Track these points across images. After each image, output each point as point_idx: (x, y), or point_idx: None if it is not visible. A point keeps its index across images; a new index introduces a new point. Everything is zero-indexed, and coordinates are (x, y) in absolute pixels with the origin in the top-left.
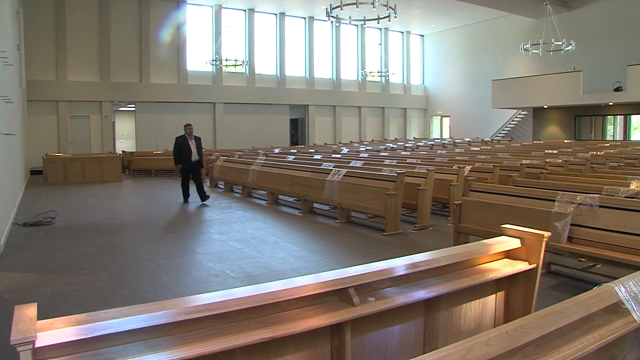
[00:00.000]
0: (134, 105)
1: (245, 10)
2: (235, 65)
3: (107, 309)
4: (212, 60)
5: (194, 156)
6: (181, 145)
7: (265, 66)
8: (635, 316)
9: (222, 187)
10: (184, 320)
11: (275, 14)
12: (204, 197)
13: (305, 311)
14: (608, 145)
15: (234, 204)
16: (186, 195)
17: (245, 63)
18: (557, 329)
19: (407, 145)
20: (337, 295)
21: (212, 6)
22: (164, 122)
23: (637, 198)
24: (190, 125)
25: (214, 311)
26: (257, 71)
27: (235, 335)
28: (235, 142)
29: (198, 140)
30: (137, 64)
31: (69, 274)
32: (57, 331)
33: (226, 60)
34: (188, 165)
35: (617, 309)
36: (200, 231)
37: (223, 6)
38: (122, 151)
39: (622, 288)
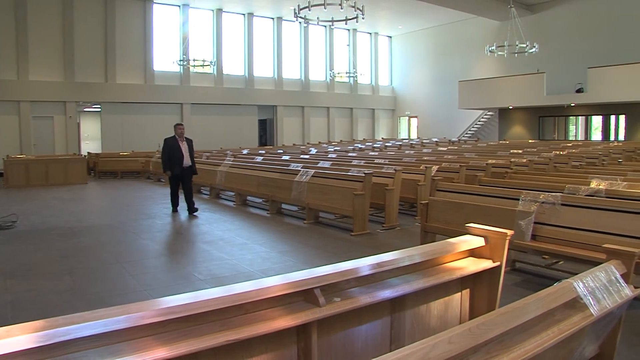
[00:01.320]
0: (99, 106)
1: (213, 11)
2: (203, 66)
3: (69, 314)
4: (180, 61)
5: (186, 161)
6: (171, 148)
7: (234, 67)
8: (592, 310)
9: None
10: (148, 324)
11: (244, 14)
12: (192, 208)
13: (271, 312)
14: (570, 145)
15: (202, 205)
16: (175, 203)
17: (213, 63)
18: (518, 325)
19: (375, 145)
20: (303, 296)
21: (179, 5)
22: (131, 123)
23: (597, 196)
24: (181, 125)
25: (178, 314)
26: (225, 72)
27: (200, 338)
28: (203, 144)
29: (190, 142)
30: (102, 64)
31: (30, 279)
32: (14, 339)
33: (194, 60)
34: (179, 171)
35: (575, 304)
36: (166, 234)
37: (190, 6)
38: (88, 153)
39: (581, 284)
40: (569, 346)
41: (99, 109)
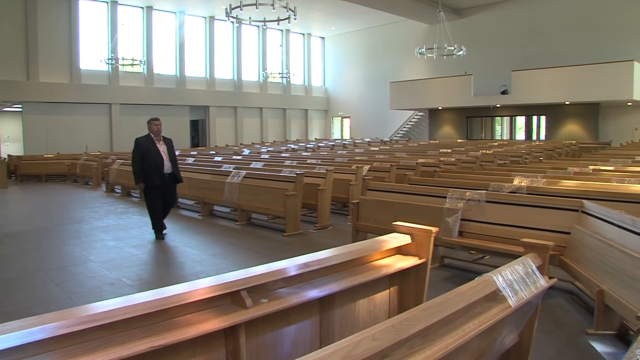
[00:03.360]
0: (20, 106)
1: (142, 8)
2: (133, 65)
3: None
4: (108, 59)
5: (167, 167)
6: (146, 151)
7: (165, 66)
8: (510, 302)
9: (119, 191)
10: (66, 333)
11: (175, 13)
12: (162, 225)
13: (197, 316)
14: (496, 144)
15: (132, 208)
16: (158, 226)
17: (143, 62)
18: (441, 320)
19: (308, 146)
20: (230, 298)
21: (107, 2)
22: (56, 123)
23: (519, 193)
24: (157, 120)
25: (98, 322)
26: (155, 71)
27: (122, 346)
28: (133, 145)
29: (169, 142)
30: (23, 61)
31: None
32: None
33: (123, 59)
34: (159, 182)
35: (495, 297)
36: (94, 238)
37: (119, 3)
38: (8, 155)
39: (500, 277)
40: (490, 337)
41: (20, 109)
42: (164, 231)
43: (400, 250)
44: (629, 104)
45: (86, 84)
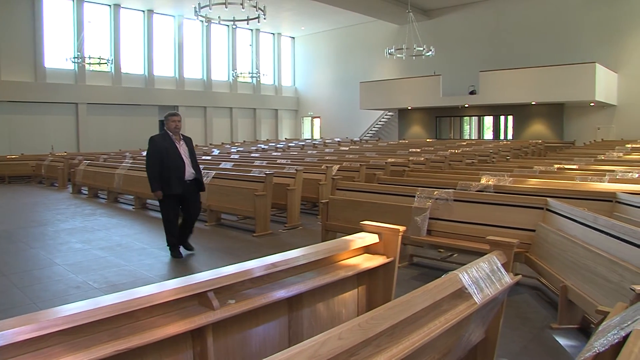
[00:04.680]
0: None
1: (110, 6)
2: (100, 64)
3: None
4: (74, 58)
5: (189, 172)
6: (164, 151)
7: (133, 65)
8: (476, 299)
9: (86, 193)
10: (26, 339)
11: (143, 11)
12: (187, 240)
13: (163, 318)
14: (465, 144)
15: (99, 210)
16: (175, 243)
17: (111, 61)
18: (407, 317)
19: (278, 146)
20: (197, 299)
21: None
22: (20, 123)
23: (486, 191)
24: (176, 115)
25: (60, 327)
26: (123, 70)
27: (86, 351)
28: (100, 145)
29: (189, 142)
30: None
31: None
32: None
33: (89, 57)
34: (180, 190)
35: (461, 294)
36: (59, 241)
37: (85, 0)
38: None
39: (466, 275)
40: (456, 334)
41: None
42: (192, 251)
43: (368, 250)
44: (592, 104)
45: (51, 83)
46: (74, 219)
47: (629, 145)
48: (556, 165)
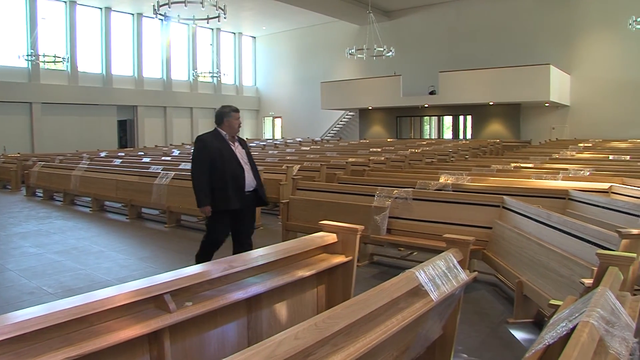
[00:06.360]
0: None
1: (65, 2)
2: (55, 62)
3: None
4: (27, 56)
5: (249, 181)
6: (216, 155)
7: (90, 64)
8: (432, 296)
9: (41, 195)
10: None
11: (100, 8)
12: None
13: (118, 323)
14: (425, 143)
15: (54, 213)
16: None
17: (67, 60)
18: (364, 316)
19: None
20: (153, 302)
21: None
22: None
23: (444, 190)
24: (238, 111)
25: (7, 335)
26: (80, 69)
27: (35, 359)
28: (56, 146)
29: (244, 144)
30: None
31: None
32: None
33: (44, 55)
34: (238, 204)
35: (418, 292)
36: (11, 245)
37: None
38: None
39: (422, 272)
40: (414, 331)
41: None
42: None
43: (327, 249)
44: (547, 104)
45: (3, 82)
46: (28, 223)
47: (581, 145)
48: (513, 164)
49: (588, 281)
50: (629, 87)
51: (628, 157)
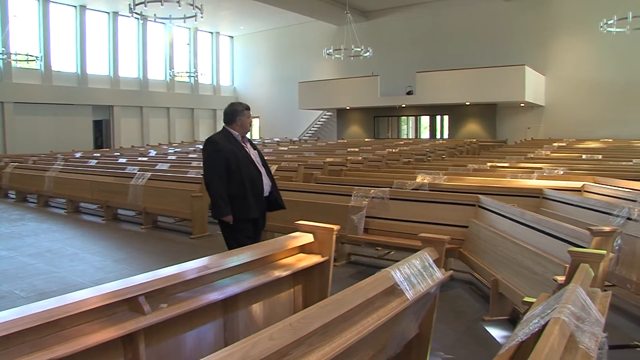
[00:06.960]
0: None
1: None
2: (28, 61)
3: None
4: None
5: (267, 185)
6: (232, 158)
7: (64, 63)
8: (407, 295)
9: (14, 197)
10: None
11: (75, 7)
12: None
13: (91, 326)
14: (402, 143)
15: (28, 214)
16: None
17: (40, 58)
18: (339, 316)
19: None
20: (127, 304)
21: None
22: None
23: (421, 190)
24: (248, 109)
25: None
26: (54, 68)
27: None
28: (30, 147)
29: (255, 146)
30: None
31: None
32: None
33: (16, 54)
34: (258, 213)
35: (394, 291)
36: None
37: None
38: None
39: (398, 272)
40: (390, 329)
41: None
42: None
43: (303, 249)
44: (522, 105)
45: None
46: (0, 225)
47: (555, 144)
48: (489, 164)
49: (561, 278)
50: (602, 88)
51: (600, 157)
